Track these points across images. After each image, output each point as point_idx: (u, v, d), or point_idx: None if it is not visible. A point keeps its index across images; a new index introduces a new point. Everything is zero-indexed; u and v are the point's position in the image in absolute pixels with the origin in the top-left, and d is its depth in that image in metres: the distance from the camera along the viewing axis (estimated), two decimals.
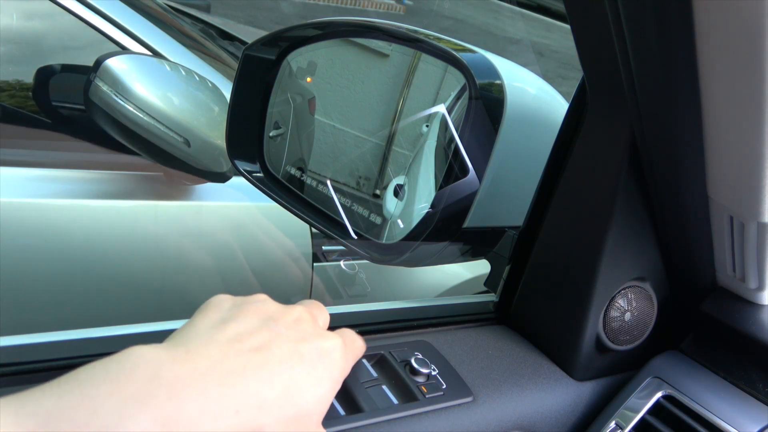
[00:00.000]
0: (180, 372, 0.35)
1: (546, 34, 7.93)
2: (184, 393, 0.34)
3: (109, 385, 0.32)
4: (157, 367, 0.34)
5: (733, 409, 0.56)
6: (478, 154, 0.63)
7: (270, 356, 0.39)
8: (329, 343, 0.43)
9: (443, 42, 0.70)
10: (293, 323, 0.43)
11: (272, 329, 0.41)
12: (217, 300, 0.44)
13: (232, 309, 0.42)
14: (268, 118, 0.89)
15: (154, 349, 0.36)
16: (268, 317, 0.42)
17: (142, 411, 0.32)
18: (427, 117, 0.74)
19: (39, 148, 1.40)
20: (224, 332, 0.39)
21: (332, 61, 0.87)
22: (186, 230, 1.41)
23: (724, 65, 0.42)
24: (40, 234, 1.27)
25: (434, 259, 0.71)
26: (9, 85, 1.41)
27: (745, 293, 0.63)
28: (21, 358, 0.49)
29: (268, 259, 1.46)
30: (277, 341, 0.40)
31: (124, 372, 0.33)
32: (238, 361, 0.37)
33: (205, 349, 0.37)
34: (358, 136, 0.83)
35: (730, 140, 0.48)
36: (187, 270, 1.39)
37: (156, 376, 0.34)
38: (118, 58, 1.25)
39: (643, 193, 0.58)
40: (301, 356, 0.40)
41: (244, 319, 0.41)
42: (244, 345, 0.39)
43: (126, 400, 0.32)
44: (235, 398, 0.36)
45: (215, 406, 0.34)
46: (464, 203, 0.64)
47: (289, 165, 0.88)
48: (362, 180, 0.80)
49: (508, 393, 0.59)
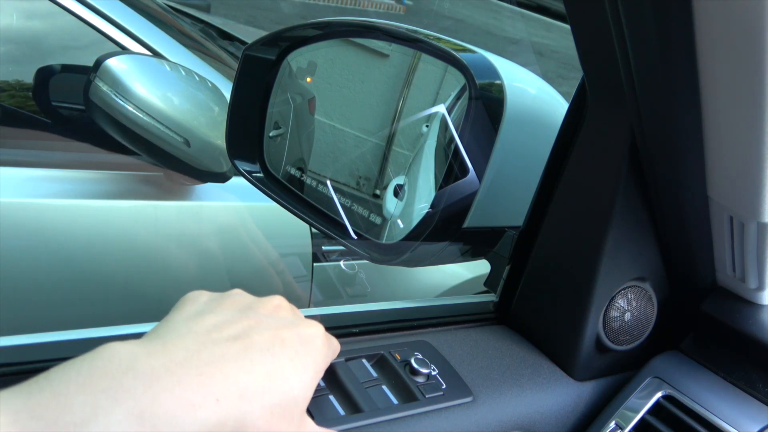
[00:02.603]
0: (155, 364, 0.34)
1: (546, 34, 7.93)
2: (160, 384, 0.33)
3: (81, 381, 0.32)
4: (131, 360, 0.34)
5: (733, 409, 0.56)
6: (478, 154, 0.63)
7: (250, 344, 0.38)
8: (311, 330, 0.42)
9: (443, 42, 0.70)
10: (273, 310, 0.43)
11: (251, 318, 0.41)
12: (193, 295, 0.43)
13: (209, 302, 0.42)
14: (268, 118, 0.89)
15: (128, 345, 0.35)
16: (246, 306, 0.42)
17: (116, 404, 0.31)
18: (427, 117, 0.74)
19: (39, 148, 1.40)
20: (201, 323, 0.39)
21: (332, 61, 0.87)
22: (186, 230, 1.41)
23: (724, 65, 0.42)
24: (40, 234, 1.26)
25: (434, 259, 0.71)
26: (9, 85, 1.41)
27: (745, 293, 0.63)
28: (21, 358, 0.49)
29: (268, 259, 1.46)
30: (257, 328, 0.40)
31: (97, 368, 0.33)
32: (216, 351, 0.37)
33: (181, 341, 0.37)
34: (358, 136, 0.83)
35: (730, 140, 0.48)
36: (187, 270, 1.39)
37: (130, 369, 0.33)
38: (118, 58, 1.25)
39: (643, 193, 0.58)
40: (283, 342, 0.40)
41: (222, 310, 0.41)
42: (222, 334, 0.38)
43: (97, 395, 0.31)
44: (214, 387, 0.35)
45: (194, 396, 0.34)
46: (464, 203, 0.64)
47: (289, 165, 0.88)
48: (362, 180, 0.80)
49: (508, 393, 0.59)
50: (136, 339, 0.37)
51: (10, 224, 1.23)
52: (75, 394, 0.31)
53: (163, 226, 1.38)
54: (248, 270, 1.44)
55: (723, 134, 0.48)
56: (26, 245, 1.26)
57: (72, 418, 0.30)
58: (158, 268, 1.36)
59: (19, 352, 0.50)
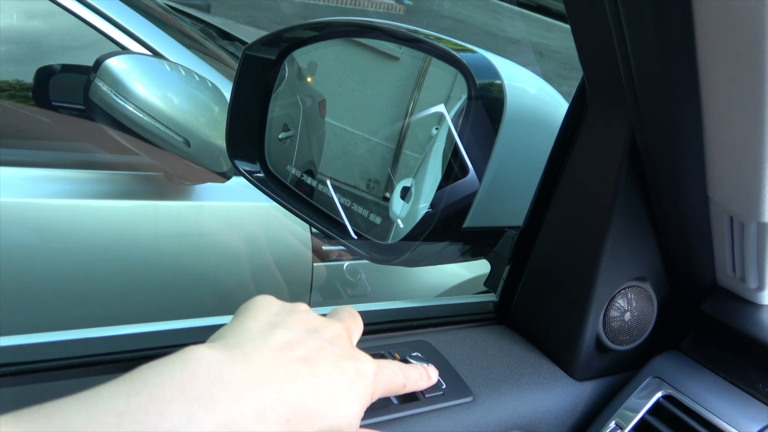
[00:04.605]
0: (240, 375, 0.36)
1: (546, 34, 7.93)
2: (244, 398, 0.35)
3: (175, 386, 0.33)
4: (219, 369, 0.35)
5: (733, 409, 0.56)
6: (478, 154, 0.63)
7: (317, 368, 0.40)
8: (365, 366, 0.44)
9: (443, 42, 0.70)
10: (335, 338, 0.44)
11: (317, 341, 0.42)
12: (265, 301, 0.44)
13: (280, 314, 0.44)
14: (273, 120, 0.89)
15: (212, 350, 0.37)
16: (313, 329, 0.44)
17: (208, 415, 0.33)
18: (438, 119, 0.74)
19: (39, 148, 1.40)
20: (275, 337, 0.40)
21: (343, 63, 0.87)
22: (186, 230, 1.41)
23: (724, 65, 0.42)
24: (40, 234, 1.27)
25: (434, 259, 0.70)
26: (9, 85, 1.41)
27: (745, 293, 0.63)
28: (21, 358, 0.49)
29: (268, 259, 1.46)
30: (322, 354, 0.41)
31: (188, 373, 0.34)
32: (290, 369, 0.39)
33: (258, 354, 0.38)
34: (368, 139, 0.83)
35: (730, 140, 0.48)
36: (187, 270, 1.39)
37: (218, 379, 0.35)
38: (118, 58, 1.25)
39: (643, 193, 0.58)
40: (343, 371, 0.41)
41: (292, 326, 0.42)
42: (294, 353, 0.40)
43: (192, 403, 0.33)
44: (287, 406, 0.37)
45: (270, 414, 0.36)
46: (464, 203, 0.64)
47: (298, 167, 0.88)
48: (372, 183, 0.80)
49: (508, 393, 0.59)
50: (213, 342, 0.39)
51: (10, 224, 1.23)
52: (171, 400, 0.33)
53: (163, 226, 1.38)
54: (248, 270, 1.45)
55: (723, 134, 0.48)
56: (26, 245, 1.26)
57: (170, 425, 0.32)
58: (158, 268, 1.36)
59: (19, 352, 0.50)
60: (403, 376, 0.48)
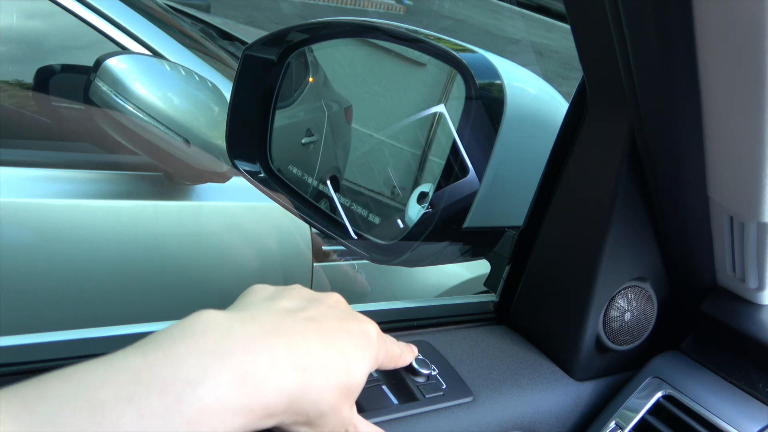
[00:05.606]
0: (250, 331, 0.37)
1: (546, 34, 7.93)
2: (257, 349, 0.36)
3: (188, 343, 0.34)
4: (229, 326, 0.37)
5: (733, 409, 0.56)
6: (478, 154, 0.63)
7: (323, 326, 0.41)
8: (368, 326, 0.45)
9: (443, 42, 0.70)
10: (334, 303, 0.46)
11: (318, 307, 0.43)
12: (259, 287, 0.46)
13: (277, 291, 0.45)
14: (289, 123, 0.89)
15: (221, 313, 0.38)
16: (312, 298, 0.45)
17: (223, 366, 0.34)
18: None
19: (39, 148, 1.40)
20: (277, 305, 0.42)
21: (370, 70, 0.87)
22: (186, 230, 1.41)
23: (724, 65, 0.42)
24: (40, 234, 1.27)
25: (434, 259, 0.71)
26: (9, 85, 1.41)
27: (745, 293, 0.63)
28: (21, 358, 0.49)
29: (268, 259, 1.46)
30: (326, 315, 0.42)
31: (200, 331, 0.36)
32: (297, 326, 0.39)
33: (266, 314, 0.40)
34: (393, 146, 0.82)
35: (730, 140, 0.48)
36: (187, 270, 1.39)
37: (229, 333, 0.36)
38: (118, 58, 1.25)
39: (643, 193, 0.58)
40: (348, 330, 0.42)
41: (291, 298, 0.44)
42: (299, 315, 0.41)
43: (206, 357, 0.34)
44: (301, 356, 0.38)
45: (285, 363, 0.37)
46: (464, 203, 0.64)
47: (322, 171, 0.88)
48: (397, 189, 0.79)
49: (508, 393, 0.59)
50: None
51: (10, 224, 1.23)
52: (185, 355, 0.34)
53: (163, 226, 1.38)
54: (248, 270, 1.44)
55: (723, 134, 0.48)
56: (26, 245, 1.26)
57: (185, 376, 0.33)
58: (158, 268, 1.36)
59: (19, 352, 0.50)
60: (398, 346, 0.50)
